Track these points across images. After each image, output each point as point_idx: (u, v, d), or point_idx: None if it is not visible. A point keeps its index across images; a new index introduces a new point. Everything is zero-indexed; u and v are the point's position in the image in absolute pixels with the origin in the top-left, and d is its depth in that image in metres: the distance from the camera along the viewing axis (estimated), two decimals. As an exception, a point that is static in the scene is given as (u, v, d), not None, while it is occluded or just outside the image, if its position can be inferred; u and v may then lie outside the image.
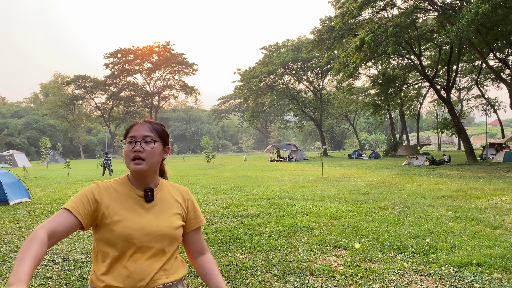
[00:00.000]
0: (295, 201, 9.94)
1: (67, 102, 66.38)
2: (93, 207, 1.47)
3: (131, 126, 1.61)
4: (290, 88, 51.57)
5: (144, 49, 67.07)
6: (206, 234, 6.37)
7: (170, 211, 1.60)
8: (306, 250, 5.30)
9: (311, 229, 6.57)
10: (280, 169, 25.35)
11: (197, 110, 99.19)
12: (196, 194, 11.94)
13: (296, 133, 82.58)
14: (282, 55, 48.08)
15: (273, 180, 16.65)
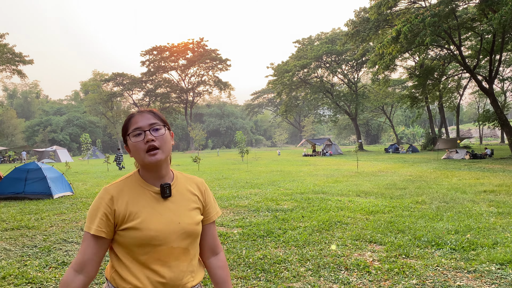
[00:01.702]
0: (330, 196, 9.86)
1: (105, 99, 68.51)
2: (113, 219, 1.41)
3: (129, 118, 1.48)
4: (324, 81, 50.97)
5: (179, 46, 68.22)
6: (240, 228, 6.45)
7: (189, 206, 1.50)
8: (340, 245, 5.26)
9: (345, 224, 6.51)
10: (314, 163, 25.18)
11: (230, 105, 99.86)
12: (230, 189, 12.07)
13: (331, 127, 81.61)
14: (315, 48, 47.55)
15: (307, 174, 16.57)
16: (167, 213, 1.44)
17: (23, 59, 44.96)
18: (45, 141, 67.70)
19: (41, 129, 70.39)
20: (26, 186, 10.42)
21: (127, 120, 1.48)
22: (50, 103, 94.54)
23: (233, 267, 4.47)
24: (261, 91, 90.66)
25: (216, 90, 74.79)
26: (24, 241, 5.93)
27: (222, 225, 6.76)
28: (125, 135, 1.47)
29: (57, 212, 8.39)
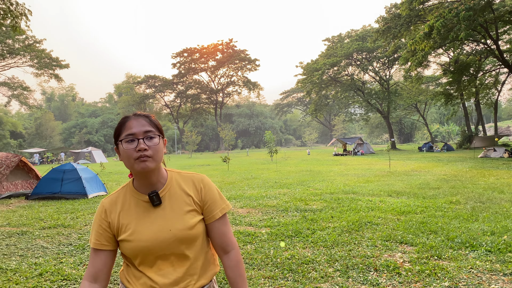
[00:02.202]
0: (360, 196, 9.71)
1: (138, 101, 70.15)
2: (109, 230, 1.44)
3: (124, 122, 1.43)
4: (354, 79, 50.22)
5: (209, 47, 68.99)
6: (268, 228, 6.46)
7: (182, 210, 1.45)
8: (370, 246, 5.18)
9: (376, 225, 6.39)
10: (345, 163, 24.86)
11: (260, 105, 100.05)
12: (258, 188, 12.09)
13: (362, 126, 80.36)
14: (345, 46, 46.93)
15: (337, 174, 16.38)
16: (158, 221, 1.42)
17: (59, 63, 46.66)
18: (81, 143, 70.03)
19: (77, 131, 72.90)
20: (63, 186, 10.82)
21: (121, 123, 1.43)
22: (85, 105, 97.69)
23: (261, 267, 4.49)
24: (290, 90, 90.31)
25: (245, 90, 75.16)
26: (60, 239, 6.16)
27: (250, 224, 6.79)
28: (117, 139, 1.42)
29: (91, 212, 8.66)
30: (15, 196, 11.42)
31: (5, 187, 11.23)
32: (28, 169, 12.24)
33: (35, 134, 69.44)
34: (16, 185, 11.63)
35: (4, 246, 5.73)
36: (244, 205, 8.93)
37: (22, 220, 7.77)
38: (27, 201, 10.71)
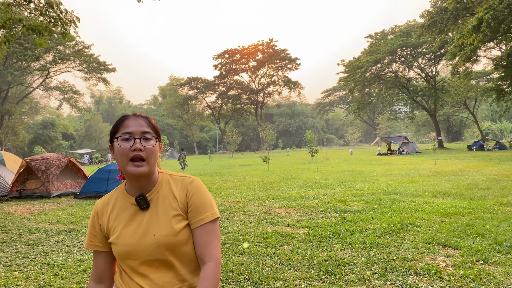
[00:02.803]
0: (403, 197, 9.41)
1: (181, 102, 71.74)
2: (101, 232, 1.43)
3: (122, 120, 1.40)
4: (399, 76, 48.77)
5: (249, 48, 69.44)
6: (306, 228, 6.40)
7: (168, 214, 1.38)
8: (411, 248, 5.00)
9: (418, 227, 6.17)
10: (389, 163, 24.19)
11: (300, 104, 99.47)
12: (298, 189, 12.01)
13: (407, 124, 77.91)
14: (389, 42, 45.68)
15: (380, 174, 15.97)
16: (143, 225, 1.36)
17: (107, 67, 48.63)
18: (128, 144, 72.47)
19: (124, 132, 75.60)
20: (109, 185, 11.25)
21: (120, 121, 1.40)
22: (131, 107, 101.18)
23: (297, 268, 4.45)
24: (332, 88, 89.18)
25: (286, 89, 75.00)
26: (105, 237, 6.39)
27: (288, 225, 6.76)
28: (113, 136, 1.39)
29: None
30: (65, 195, 12.01)
31: (56, 187, 11.84)
32: (76, 169, 12.84)
33: (85, 136, 72.80)
34: (66, 185, 12.23)
35: (53, 242, 6.05)
36: (283, 205, 8.91)
37: (70, 218, 8.16)
38: (75, 199, 11.23)
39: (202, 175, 18.90)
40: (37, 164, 11.76)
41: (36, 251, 5.53)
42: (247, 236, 6.01)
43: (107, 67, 48.72)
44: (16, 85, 47.22)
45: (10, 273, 4.55)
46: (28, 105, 56.88)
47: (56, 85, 52.42)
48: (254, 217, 7.66)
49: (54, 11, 14.25)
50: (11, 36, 13.21)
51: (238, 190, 12.35)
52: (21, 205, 10.44)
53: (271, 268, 4.48)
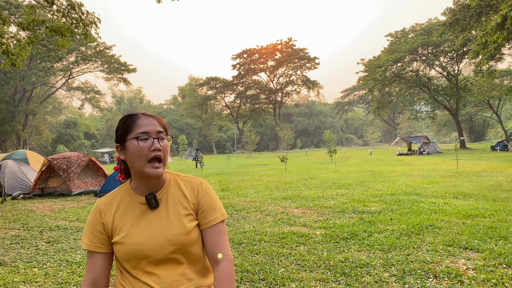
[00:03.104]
0: (423, 198, 9.24)
1: (200, 102, 72.24)
2: (105, 231, 1.37)
3: (134, 120, 1.37)
4: (420, 75, 47.96)
5: (268, 47, 69.40)
6: (323, 229, 6.34)
7: (179, 214, 1.38)
8: (430, 251, 4.89)
9: (438, 228, 6.03)
10: (409, 163, 23.80)
11: (319, 104, 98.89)
12: (316, 189, 11.92)
13: (428, 124, 76.49)
14: (410, 40, 44.95)
15: (400, 175, 15.72)
16: (153, 224, 1.35)
17: (127, 67, 49.32)
18: (147, 143, 73.37)
19: (144, 131, 76.64)
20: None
21: (131, 120, 1.37)
22: (152, 107, 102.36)
23: (313, 269, 4.40)
24: (352, 88, 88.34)
25: (305, 89, 74.68)
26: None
27: (305, 225, 6.71)
28: (125, 135, 1.35)
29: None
30: (85, 193, 12.22)
31: (77, 185, 12.06)
32: (97, 168, 13.05)
33: (106, 135, 74.04)
34: (86, 183, 12.45)
35: (72, 240, 6.14)
36: (300, 205, 8.85)
37: (90, 216, 8.28)
38: (95, 198, 11.41)
39: (220, 175, 18.97)
40: (58, 163, 11.99)
41: (56, 248, 5.63)
42: (263, 236, 5.99)
43: (128, 68, 49.40)
44: (40, 85, 48.35)
45: (29, 269, 4.64)
46: (52, 105, 58.16)
47: (78, 86, 53.48)
48: (270, 217, 7.63)
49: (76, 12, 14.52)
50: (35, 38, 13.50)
51: (255, 189, 12.34)
52: (43, 203, 10.67)
53: (287, 268, 4.45)
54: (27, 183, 12.70)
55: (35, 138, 53.41)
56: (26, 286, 4.12)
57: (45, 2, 13.07)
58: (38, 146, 57.65)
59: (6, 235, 6.58)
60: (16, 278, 4.33)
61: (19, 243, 5.98)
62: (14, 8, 36.80)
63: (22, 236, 6.48)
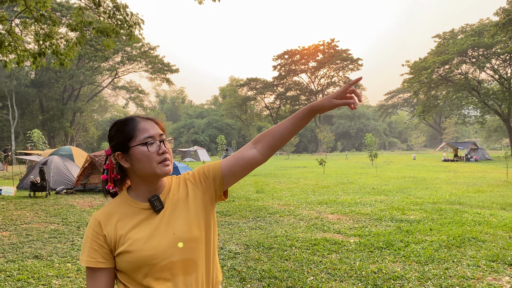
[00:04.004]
0: (467, 208, 8.75)
1: (240, 103, 72.67)
2: (106, 244, 1.29)
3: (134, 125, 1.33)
4: (469, 78, 45.80)
5: (309, 48, 68.81)
6: (358, 237, 6.12)
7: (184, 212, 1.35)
8: (471, 266, 4.58)
9: (482, 242, 5.66)
10: (455, 170, 22.76)
11: (362, 106, 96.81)
12: (353, 194, 11.62)
13: (477, 130, 73.10)
14: (459, 42, 43.03)
15: (444, 182, 15.03)
16: (160, 227, 1.31)
17: (170, 68, 50.43)
18: (188, 142, 74.89)
19: (186, 130, 78.18)
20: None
21: (131, 126, 1.32)
22: (193, 107, 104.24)
23: (344, 279, 4.23)
24: (396, 90, 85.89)
25: (347, 91, 73.21)
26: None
27: (339, 232, 6.51)
28: (128, 142, 1.31)
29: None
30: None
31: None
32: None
33: (149, 133, 76.21)
34: (126, 180, 12.78)
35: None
36: (335, 211, 8.63)
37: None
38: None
39: (256, 176, 18.94)
40: (100, 160, 12.38)
41: (90, 244, 5.77)
42: (294, 241, 5.86)
43: (171, 68, 50.50)
44: (87, 84, 50.44)
45: (63, 264, 4.77)
46: (98, 103, 60.50)
47: (123, 85, 55.30)
48: (304, 221, 7.48)
49: (121, 13, 14.97)
50: (82, 38, 14.03)
51: (291, 192, 12.19)
52: (84, 198, 11.05)
53: (316, 277, 4.30)
54: (70, 178, 13.21)
55: (82, 134, 55.77)
56: (58, 280, 4.23)
57: (92, 4, 13.57)
58: (84, 143, 60.19)
59: (46, 229, 6.84)
60: (50, 272, 4.46)
61: (56, 238, 6.19)
62: (65, 10, 38.57)
63: (60, 230, 6.71)
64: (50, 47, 13.31)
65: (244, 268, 4.64)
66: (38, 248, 5.54)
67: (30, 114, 48.11)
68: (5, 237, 6.23)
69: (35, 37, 13.34)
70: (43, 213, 8.51)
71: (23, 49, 12.98)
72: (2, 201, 10.19)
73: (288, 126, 1.41)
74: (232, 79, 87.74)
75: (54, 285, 4.08)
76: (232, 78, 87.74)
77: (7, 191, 11.67)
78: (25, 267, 4.64)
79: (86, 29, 16.51)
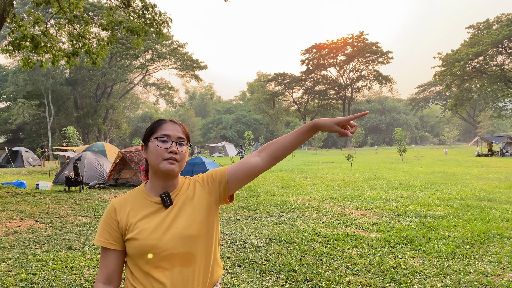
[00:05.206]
0: (496, 204, 8.57)
1: (268, 98, 72.73)
2: (118, 229, 1.44)
3: (160, 124, 1.51)
4: (505, 70, 44.18)
5: (338, 42, 67.96)
6: (379, 232, 6.15)
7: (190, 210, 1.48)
8: (493, 262, 4.56)
9: (507, 238, 5.59)
10: (488, 165, 22.10)
11: (392, 100, 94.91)
12: (380, 189, 11.55)
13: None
14: (494, 32, 41.58)
15: (475, 177, 14.68)
16: (167, 220, 1.43)
17: (199, 65, 51.05)
18: (217, 137, 75.70)
19: (214, 126, 79.02)
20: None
21: (157, 124, 1.51)
22: (222, 103, 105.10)
23: (362, 273, 4.31)
24: (428, 83, 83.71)
25: (377, 84, 72.00)
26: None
27: (361, 227, 6.55)
28: (149, 136, 1.49)
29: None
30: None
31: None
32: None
33: (179, 129, 77.46)
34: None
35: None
36: (359, 206, 8.64)
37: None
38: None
39: (283, 171, 19.03)
40: (130, 156, 12.81)
41: (120, 236, 6.06)
42: (315, 236, 5.96)
43: (199, 65, 51.12)
44: (119, 81, 51.78)
45: (94, 255, 5.06)
46: (130, 100, 61.94)
47: (154, 82, 56.44)
48: (327, 217, 7.55)
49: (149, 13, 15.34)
50: (113, 38, 14.47)
51: (316, 188, 12.24)
52: (115, 193, 11.49)
53: (335, 271, 4.40)
54: (103, 173, 13.73)
55: (115, 131, 57.34)
56: (89, 270, 4.51)
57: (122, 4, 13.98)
58: (117, 139, 61.86)
59: (79, 222, 7.21)
60: (82, 263, 4.75)
61: (88, 230, 6.53)
62: (97, 10, 39.68)
63: (92, 223, 7.07)
64: (83, 47, 13.81)
65: (265, 261, 4.78)
66: (72, 240, 5.87)
67: (65, 111, 49.87)
68: (42, 229, 6.62)
69: (68, 37, 13.90)
70: (76, 207, 8.94)
71: (58, 49, 13.55)
72: (39, 195, 10.74)
73: (291, 138, 1.53)
74: (260, 74, 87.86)
75: (86, 274, 4.35)
76: (260, 74, 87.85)
77: (44, 186, 12.27)
78: (59, 258, 4.95)
79: (117, 29, 17.02)
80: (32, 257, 4.97)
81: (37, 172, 19.93)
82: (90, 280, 4.16)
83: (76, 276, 4.32)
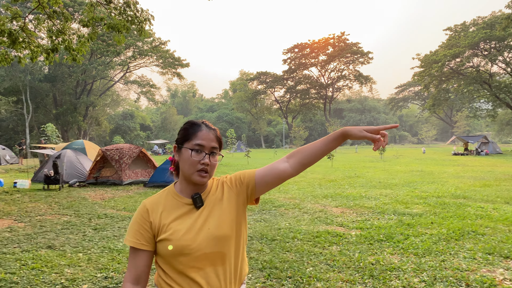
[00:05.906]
0: (471, 202, 8.84)
1: (251, 96, 72.76)
2: (151, 230, 1.47)
3: (195, 130, 1.50)
4: (480, 71, 45.26)
5: (320, 42, 68.56)
6: (359, 230, 6.29)
7: (221, 210, 1.51)
8: (468, 258, 4.73)
9: (481, 235, 5.79)
10: (464, 163, 22.68)
11: (372, 99, 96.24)
12: (359, 188, 11.75)
13: (489, 123, 72.17)
14: (470, 35, 42.50)
15: (451, 176, 15.07)
16: (199, 221, 1.46)
17: (181, 62, 50.68)
18: (199, 136, 75.17)
19: (196, 124, 78.58)
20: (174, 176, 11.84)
21: (192, 130, 1.50)
22: (204, 101, 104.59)
23: (341, 270, 4.42)
24: (407, 84, 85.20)
25: (357, 84, 72.94)
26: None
27: (341, 225, 6.68)
28: (184, 141, 1.50)
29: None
30: (135, 183, 12.86)
31: (127, 175, 12.71)
32: (147, 159, 13.65)
33: (160, 127, 76.65)
34: (136, 174, 13.08)
35: (116, 228, 6.55)
36: (339, 204, 8.79)
37: (136, 206, 8.74)
38: (144, 188, 11.97)
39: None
40: (111, 154, 12.69)
41: (101, 235, 6.03)
42: (297, 233, 6.05)
43: (181, 62, 50.74)
44: (99, 78, 50.93)
45: (75, 254, 5.03)
46: (110, 98, 61.02)
47: (135, 79, 55.75)
48: (308, 214, 7.66)
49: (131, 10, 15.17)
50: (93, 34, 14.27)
51: (298, 186, 12.37)
52: (95, 191, 11.37)
53: (315, 268, 4.49)
54: (83, 171, 13.55)
55: (95, 128, 56.44)
56: (70, 269, 4.48)
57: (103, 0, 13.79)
58: (97, 136, 60.92)
59: (59, 221, 7.13)
60: (62, 262, 4.72)
61: (69, 229, 6.47)
62: (77, 6, 38.97)
63: (72, 222, 7.00)
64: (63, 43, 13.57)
65: (247, 258, 4.84)
66: (52, 239, 5.81)
67: (44, 108, 48.83)
68: (20, 228, 6.53)
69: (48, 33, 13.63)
70: (56, 205, 8.83)
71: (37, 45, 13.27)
72: (17, 193, 10.55)
73: (319, 146, 1.54)
74: (242, 73, 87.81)
75: (66, 274, 4.33)
76: (242, 72, 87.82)
77: (22, 184, 12.05)
78: (39, 257, 4.91)
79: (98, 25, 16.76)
80: (10, 257, 4.91)
81: (14, 170, 19.51)
82: (71, 279, 4.14)
83: (56, 275, 4.29)
